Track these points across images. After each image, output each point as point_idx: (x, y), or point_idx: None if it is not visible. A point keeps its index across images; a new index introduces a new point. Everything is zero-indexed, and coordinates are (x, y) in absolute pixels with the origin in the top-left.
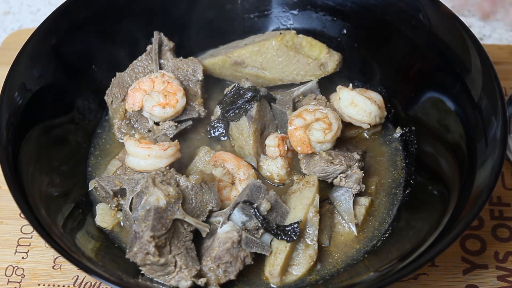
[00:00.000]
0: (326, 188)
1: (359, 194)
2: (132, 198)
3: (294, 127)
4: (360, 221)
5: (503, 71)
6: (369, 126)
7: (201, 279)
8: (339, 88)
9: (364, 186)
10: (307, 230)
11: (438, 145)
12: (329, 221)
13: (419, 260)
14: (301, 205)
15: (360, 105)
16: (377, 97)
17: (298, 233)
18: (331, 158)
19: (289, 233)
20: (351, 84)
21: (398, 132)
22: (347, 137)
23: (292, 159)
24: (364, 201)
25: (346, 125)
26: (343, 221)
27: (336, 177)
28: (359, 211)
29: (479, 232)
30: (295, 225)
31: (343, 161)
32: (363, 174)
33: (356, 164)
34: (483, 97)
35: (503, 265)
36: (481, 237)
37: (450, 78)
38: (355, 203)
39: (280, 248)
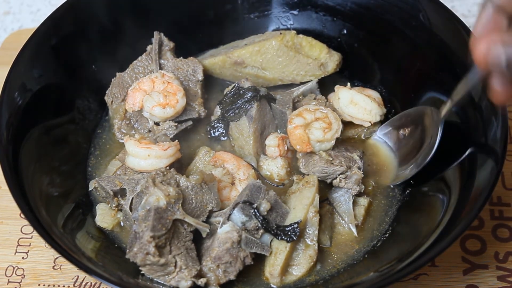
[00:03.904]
0: (324, 188)
1: (358, 194)
2: (132, 198)
3: (294, 126)
4: (360, 222)
5: None
6: (370, 124)
7: (201, 279)
8: (337, 87)
9: (363, 186)
10: (307, 230)
11: (438, 145)
12: (329, 222)
13: (419, 260)
14: (301, 205)
15: (360, 104)
16: (375, 94)
17: (298, 233)
18: (331, 159)
19: (289, 233)
20: (349, 83)
21: None
22: (346, 137)
23: (292, 159)
24: (363, 201)
25: (346, 125)
26: (343, 221)
27: (336, 178)
28: (359, 211)
29: (479, 232)
30: (295, 225)
31: (343, 162)
32: (363, 175)
33: (356, 165)
34: (483, 97)
35: (503, 265)
36: (481, 237)
37: (450, 78)
38: (354, 203)
39: (280, 248)
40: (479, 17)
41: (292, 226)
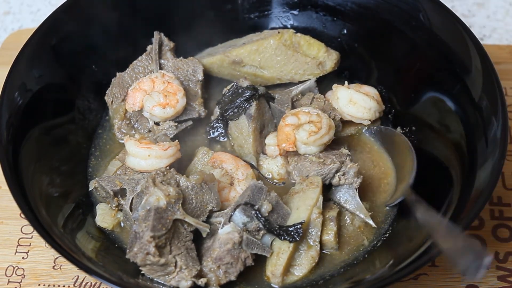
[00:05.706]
0: (324, 191)
1: None
2: (132, 198)
3: (285, 123)
4: None
5: (503, 71)
6: (370, 122)
7: (201, 279)
8: (335, 86)
9: (361, 177)
10: (310, 231)
11: (438, 145)
12: (338, 225)
13: (420, 260)
14: (305, 206)
15: (359, 103)
16: (373, 91)
17: (301, 234)
18: (322, 160)
19: (292, 233)
20: (346, 82)
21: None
22: (346, 135)
23: None
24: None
25: (345, 123)
26: (348, 220)
27: (334, 177)
28: None
29: (479, 232)
30: (298, 226)
31: (335, 159)
32: (359, 166)
33: (348, 158)
34: (483, 97)
35: (503, 265)
36: (481, 237)
37: (450, 78)
38: None
39: (283, 248)
40: None
41: (296, 227)
